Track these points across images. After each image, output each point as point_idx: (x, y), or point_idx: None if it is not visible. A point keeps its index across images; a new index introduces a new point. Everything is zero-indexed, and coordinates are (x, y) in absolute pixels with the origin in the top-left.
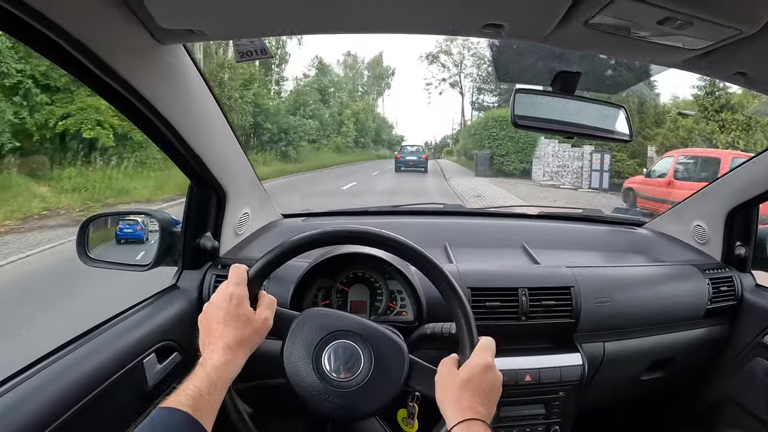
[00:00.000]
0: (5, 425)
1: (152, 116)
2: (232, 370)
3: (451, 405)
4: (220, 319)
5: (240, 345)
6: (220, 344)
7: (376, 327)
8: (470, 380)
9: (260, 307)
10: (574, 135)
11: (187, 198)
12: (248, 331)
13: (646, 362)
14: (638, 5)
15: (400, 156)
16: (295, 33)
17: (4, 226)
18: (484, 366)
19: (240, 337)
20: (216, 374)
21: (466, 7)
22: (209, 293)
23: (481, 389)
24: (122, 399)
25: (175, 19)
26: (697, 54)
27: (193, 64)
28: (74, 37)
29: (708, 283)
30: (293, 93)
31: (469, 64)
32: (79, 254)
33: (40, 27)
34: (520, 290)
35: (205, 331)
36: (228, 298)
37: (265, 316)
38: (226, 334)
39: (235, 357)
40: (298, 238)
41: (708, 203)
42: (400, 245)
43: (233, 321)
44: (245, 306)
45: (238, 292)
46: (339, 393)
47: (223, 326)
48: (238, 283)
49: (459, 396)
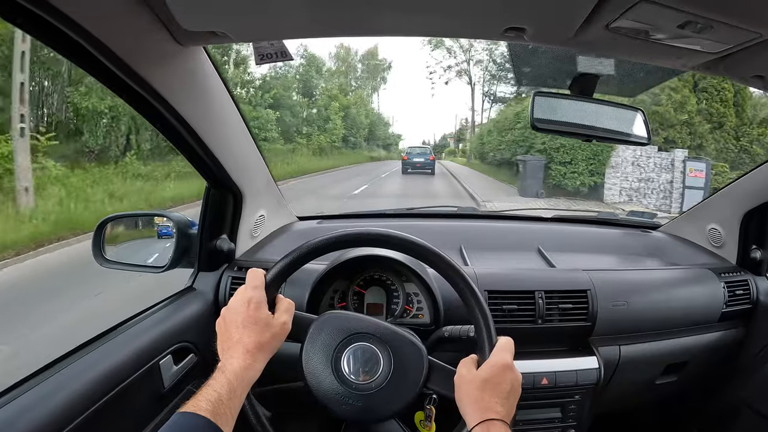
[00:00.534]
0: (24, 424)
1: (172, 118)
2: (251, 375)
3: (470, 405)
4: (238, 323)
5: (259, 349)
6: (239, 349)
7: (395, 329)
8: (489, 380)
9: (278, 311)
10: (593, 138)
11: (203, 200)
12: (267, 336)
13: (661, 366)
14: (659, 9)
15: (407, 158)
16: (317, 36)
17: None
18: (504, 366)
19: (259, 341)
20: (235, 379)
21: (488, 11)
22: (225, 295)
23: (501, 389)
24: (138, 400)
25: (198, 21)
26: (716, 57)
27: (212, 65)
28: (96, 37)
29: (723, 287)
30: (260, 80)
31: (480, 49)
32: (94, 256)
33: (62, 27)
34: (537, 293)
35: (223, 336)
36: (246, 303)
37: (283, 320)
38: (245, 339)
39: (254, 361)
40: (315, 241)
41: (723, 206)
42: (415, 245)
43: (252, 325)
44: (264, 310)
45: (257, 296)
46: (358, 396)
47: (242, 331)
48: (256, 287)
49: (478, 396)
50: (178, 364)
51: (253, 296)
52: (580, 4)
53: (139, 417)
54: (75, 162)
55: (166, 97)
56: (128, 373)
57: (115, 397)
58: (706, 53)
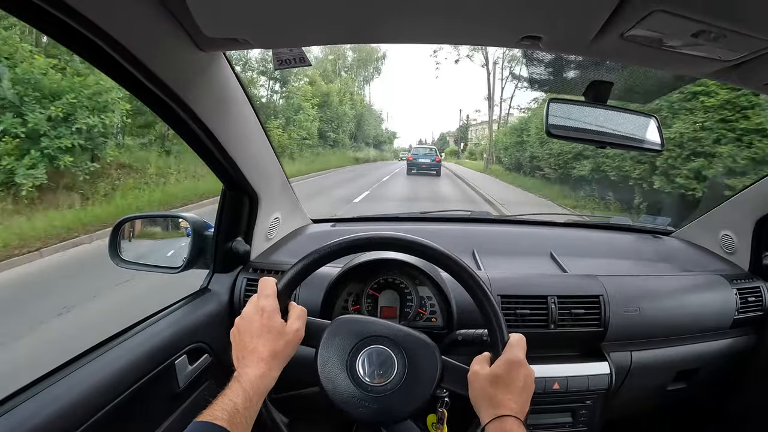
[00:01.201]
0: (40, 422)
1: (191, 122)
2: (266, 383)
3: (484, 402)
4: (252, 332)
5: (274, 357)
6: (254, 357)
7: (408, 330)
8: (502, 377)
9: (291, 319)
10: (607, 145)
11: (220, 202)
12: (281, 343)
13: (672, 372)
14: (674, 18)
15: (413, 158)
16: (337, 42)
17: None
18: (516, 362)
19: (273, 349)
20: (251, 388)
21: (505, 19)
22: (240, 297)
23: (514, 385)
24: (154, 399)
25: (220, 27)
26: (729, 65)
27: (232, 70)
28: (118, 42)
29: (735, 293)
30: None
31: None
32: (111, 256)
33: (85, 32)
34: (550, 298)
35: (238, 346)
36: (259, 312)
37: (296, 327)
38: (260, 347)
39: (269, 369)
40: (326, 247)
41: (736, 213)
42: (416, 245)
43: (266, 334)
44: (276, 318)
45: (269, 305)
46: (374, 398)
47: (256, 339)
48: (268, 295)
49: (492, 393)
50: (193, 364)
51: (265, 305)
52: (596, 14)
53: (154, 416)
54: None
55: (186, 101)
56: (144, 372)
57: (132, 395)
58: (719, 61)
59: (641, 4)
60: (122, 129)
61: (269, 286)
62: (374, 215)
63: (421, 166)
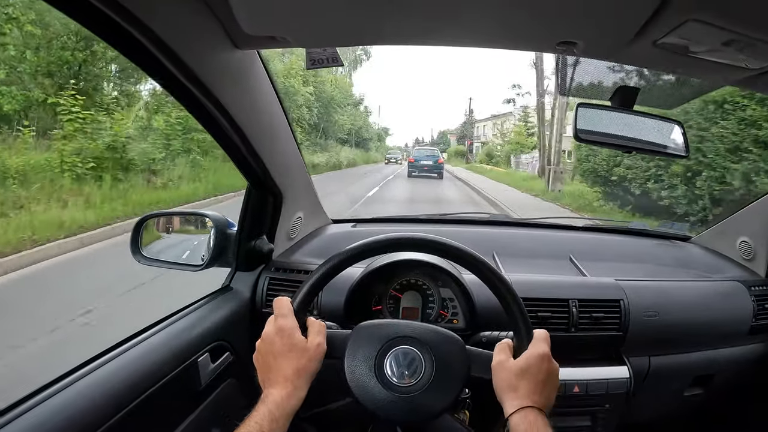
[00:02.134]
0: (64, 420)
1: (223, 119)
2: (293, 403)
3: (508, 393)
4: (274, 353)
5: (298, 375)
6: (279, 378)
7: (431, 327)
8: (527, 370)
9: (311, 335)
10: (633, 150)
11: (244, 200)
12: (304, 360)
13: (689, 378)
14: (707, 28)
15: (414, 160)
16: (377, 44)
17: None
18: (541, 356)
19: (297, 367)
20: (277, 409)
21: (544, 25)
22: (263, 296)
23: (538, 379)
24: (176, 397)
25: (261, 25)
26: (756, 73)
27: (264, 69)
28: (156, 35)
29: (753, 300)
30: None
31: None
32: (132, 252)
33: (122, 22)
34: (571, 302)
35: (262, 368)
36: (278, 332)
37: (318, 342)
38: (284, 367)
39: (295, 389)
40: (334, 258)
41: (754, 219)
42: (433, 243)
43: (287, 352)
44: (297, 336)
45: (287, 324)
46: (408, 398)
47: (279, 360)
48: (285, 315)
49: (516, 385)
50: (215, 362)
51: (283, 324)
52: (632, 21)
53: (176, 414)
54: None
55: (219, 98)
56: (168, 370)
57: (155, 393)
58: (745, 69)
59: (676, 14)
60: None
61: (284, 305)
62: (394, 216)
63: (423, 168)
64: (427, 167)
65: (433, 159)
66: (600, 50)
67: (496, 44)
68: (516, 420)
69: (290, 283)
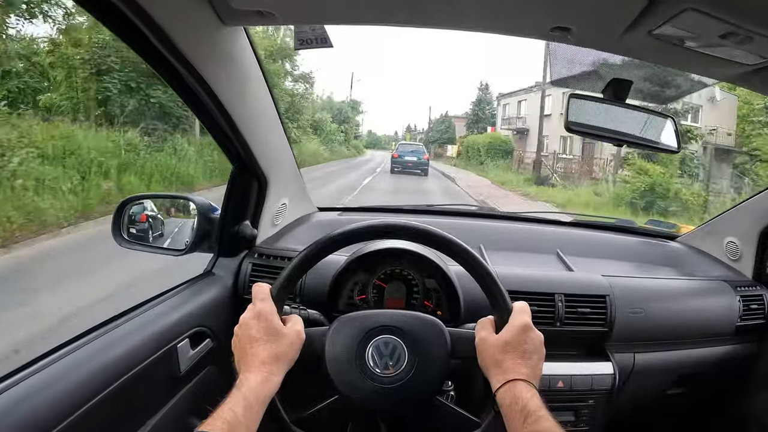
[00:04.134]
0: (40, 402)
1: (206, 97)
2: (268, 388)
3: (494, 368)
4: (251, 337)
5: (275, 360)
6: (255, 362)
7: (407, 313)
8: (510, 342)
9: (290, 322)
10: (624, 143)
11: (228, 184)
12: (283, 345)
13: (673, 376)
14: (704, 18)
15: (398, 155)
16: (364, 23)
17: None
18: (523, 326)
19: (275, 351)
20: (252, 395)
21: (537, 9)
22: (245, 282)
23: (523, 350)
24: (155, 383)
25: None
26: (751, 69)
27: (251, 48)
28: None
29: (738, 300)
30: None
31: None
32: (114, 235)
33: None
34: (557, 296)
35: (239, 353)
36: (256, 316)
37: (297, 329)
38: (260, 351)
39: (271, 374)
40: (313, 246)
41: (742, 220)
42: (404, 228)
43: (265, 336)
44: (275, 320)
45: (266, 308)
46: (393, 388)
47: (255, 344)
48: (264, 299)
49: (501, 359)
50: (195, 348)
51: (261, 308)
52: (628, 8)
53: (155, 400)
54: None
55: (204, 75)
56: (147, 355)
57: (133, 378)
58: (742, 65)
59: (674, 2)
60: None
61: (263, 290)
62: (381, 206)
63: (407, 165)
64: (411, 164)
65: (418, 155)
66: (595, 38)
67: (487, 28)
68: (502, 394)
69: (273, 269)
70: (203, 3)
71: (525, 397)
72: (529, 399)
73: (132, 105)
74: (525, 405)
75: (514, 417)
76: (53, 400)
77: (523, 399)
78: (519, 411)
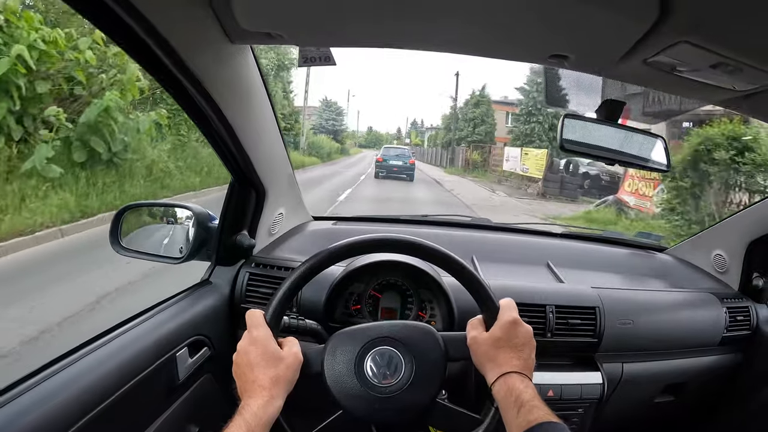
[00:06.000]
0: (42, 413)
1: (211, 112)
2: (270, 412)
3: (488, 364)
4: (250, 363)
5: (275, 384)
6: (255, 387)
7: (400, 323)
8: (501, 338)
9: (286, 345)
10: (616, 162)
11: (227, 194)
12: (281, 369)
13: (660, 385)
14: (697, 50)
15: (382, 159)
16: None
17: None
18: (511, 322)
19: (274, 375)
20: (254, 420)
21: (536, 37)
22: (242, 291)
23: (514, 344)
24: (154, 392)
25: (258, 21)
26: (740, 95)
27: (257, 65)
28: (150, 24)
29: (725, 312)
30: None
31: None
32: (111, 243)
33: (119, 10)
34: (548, 308)
35: (240, 380)
36: (253, 343)
37: (294, 351)
38: (260, 376)
39: (272, 397)
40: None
41: (729, 233)
42: (387, 240)
43: (263, 362)
44: (271, 345)
45: (261, 334)
46: (395, 398)
47: (255, 370)
48: (258, 325)
49: (494, 354)
50: (193, 356)
51: (257, 335)
52: (624, 39)
53: (153, 409)
54: None
55: (209, 91)
56: (147, 364)
57: (133, 387)
58: (733, 90)
59: (670, 35)
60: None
61: (257, 316)
62: (375, 216)
63: (392, 169)
64: (396, 168)
65: (403, 159)
66: (591, 65)
67: (489, 53)
68: (497, 387)
69: (270, 279)
70: (213, 22)
71: (519, 388)
72: (522, 390)
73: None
74: (519, 396)
75: (508, 408)
76: (54, 412)
77: (517, 390)
78: (513, 402)
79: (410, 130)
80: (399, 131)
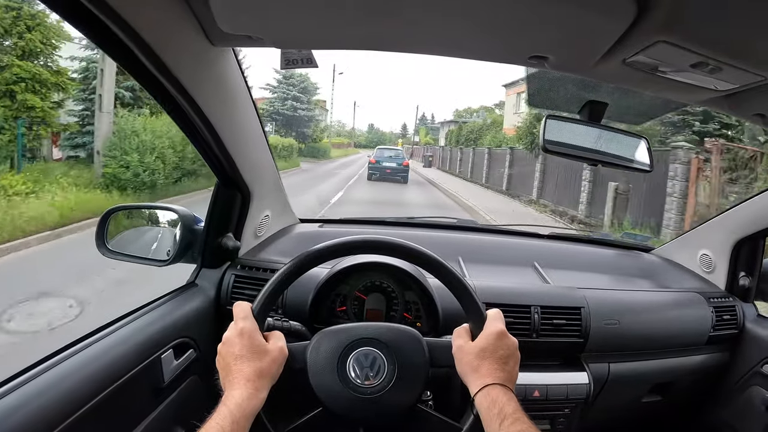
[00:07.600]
0: (25, 415)
1: (194, 115)
2: (254, 404)
3: (471, 375)
4: (235, 355)
5: (259, 376)
6: (240, 379)
7: (386, 325)
8: (486, 348)
9: (272, 339)
10: (599, 163)
11: (212, 197)
12: (266, 362)
13: (647, 385)
14: (676, 50)
15: (375, 161)
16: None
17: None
18: (498, 333)
19: (258, 368)
20: (238, 411)
21: (516, 38)
22: (228, 293)
23: (498, 355)
24: (139, 394)
25: (238, 23)
26: (722, 95)
27: (238, 67)
28: (131, 27)
29: (712, 311)
30: None
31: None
32: (97, 245)
33: (98, 13)
34: (533, 308)
35: (223, 371)
36: (239, 334)
37: (280, 345)
38: (245, 368)
39: (256, 390)
40: (289, 265)
41: (716, 233)
42: (382, 242)
43: (248, 354)
44: (257, 338)
45: (248, 326)
46: (374, 398)
47: (239, 362)
48: (245, 317)
49: (478, 365)
50: (179, 358)
51: (244, 327)
52: (602, 40)
53: (138, 411)
54: None
55: (192, 94)
56: (131, 366)
57: (117, 389)
58: (713, 90)
59: (646, 35)
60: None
61: (244, 308)
62: (361, 218)
63: (385, 171)
64: (390, 170)
65: (397, 161)
66: (571, 65)
67: (469, 55)
68: (479, 398)
69: (255, 281)
70: (194, 24)
71: (502, 401)
72: (505, 402)
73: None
74: (502, 408)
75: (491, 420)
76: (38, 414)
77: (500, 402)
78: (496, 414)
79: (419, 126)
80: (404, 128)
